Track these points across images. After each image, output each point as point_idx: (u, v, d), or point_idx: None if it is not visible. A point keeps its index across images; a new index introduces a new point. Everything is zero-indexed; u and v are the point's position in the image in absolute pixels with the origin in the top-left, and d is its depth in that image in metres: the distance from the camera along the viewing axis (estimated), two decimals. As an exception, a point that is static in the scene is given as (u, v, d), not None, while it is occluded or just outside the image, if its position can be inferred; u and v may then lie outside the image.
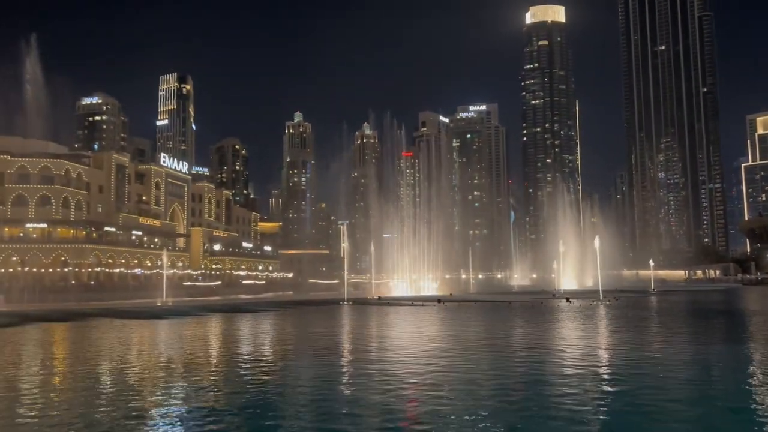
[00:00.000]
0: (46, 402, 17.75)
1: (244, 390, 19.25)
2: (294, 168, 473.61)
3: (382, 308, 67.87)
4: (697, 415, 15.48)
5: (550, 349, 28.87)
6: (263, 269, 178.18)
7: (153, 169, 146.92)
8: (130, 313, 61.29)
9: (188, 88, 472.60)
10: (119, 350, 31.29)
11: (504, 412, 15.95)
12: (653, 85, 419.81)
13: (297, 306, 76.60)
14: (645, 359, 24.90)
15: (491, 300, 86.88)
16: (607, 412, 15.87)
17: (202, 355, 29.29)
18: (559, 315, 53.03)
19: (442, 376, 21.20)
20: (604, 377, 20.84)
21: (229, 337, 38.67)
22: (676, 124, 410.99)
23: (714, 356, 26.38)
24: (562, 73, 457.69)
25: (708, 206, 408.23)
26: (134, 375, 22.98)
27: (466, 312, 59.56)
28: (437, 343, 32.31)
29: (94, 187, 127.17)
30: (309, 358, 27.09)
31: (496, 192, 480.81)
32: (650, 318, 49.42)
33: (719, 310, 61.04)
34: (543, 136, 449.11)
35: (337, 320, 51.50)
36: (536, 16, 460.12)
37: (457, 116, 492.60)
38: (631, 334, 36.06)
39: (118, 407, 16.72)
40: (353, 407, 16.81)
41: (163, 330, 44.02)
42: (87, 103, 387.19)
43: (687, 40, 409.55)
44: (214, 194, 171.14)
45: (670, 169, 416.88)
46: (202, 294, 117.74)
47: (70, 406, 17.21)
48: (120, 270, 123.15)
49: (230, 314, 60.40)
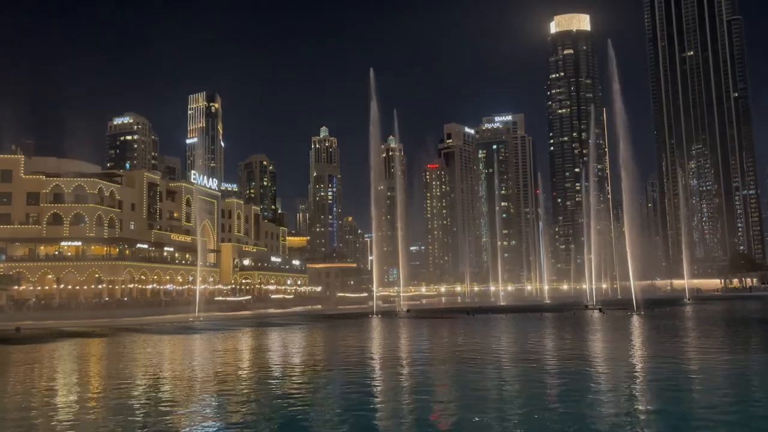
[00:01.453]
0: (80, 416, 17.97)
1: (279, 403, 19.27)
2: (320, 182, 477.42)
3: (411, 321, 67.52)
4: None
5: (588, 360, 28.36)
6: (292, 283, 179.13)
7: (184, 187, 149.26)
8: (163, 329, 62.09)
9: (216, 106, 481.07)
10: (155, 365, 31.66)
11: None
12: (682, 91, 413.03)
13: (327, 319, 76.70)
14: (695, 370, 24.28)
15: (522, 311, 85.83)
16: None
17: (237, 368, 29.46)
18: (594, 326, 52.10)
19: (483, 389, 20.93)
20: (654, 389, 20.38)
21: (263, 351, 38.84)
22: (707, 130, 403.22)
23: (756, 366, 25.59)
24: (589, 81, 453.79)
25: (742, 213, 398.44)
26: (170, 389, 23.19)
27: (498, 324, 58.91)
28: (473, 355, 32.00)
29: (127, 205, 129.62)
30: (342, 372, 27.03)
31: (524, 202, 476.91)
32: (688, 328, 48.24)
33: (760, 318, 59.30)
34: (570, 145, 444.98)
35: (368, 333, 51.37)
36: (561, 25, 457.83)
37: (483, 127, 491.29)
38: (672, 344, 35.24)
39: (154, 421, 16.87)
40: (389, 420, 16.69)
41: (198, 344, 44.45)
42: (118, 123, 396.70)
43: (716, 45, 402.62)
44: (243, 210, 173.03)
45: (702, 176, 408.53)
46: (233, 308, 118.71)
47: (105, 421, 17.36)
48: (152, 286, 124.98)
49: (261, 328, 60.73)
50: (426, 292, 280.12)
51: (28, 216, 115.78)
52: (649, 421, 15.74)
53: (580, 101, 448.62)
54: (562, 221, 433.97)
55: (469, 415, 16.73)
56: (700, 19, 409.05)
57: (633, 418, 16.00)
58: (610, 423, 15.50)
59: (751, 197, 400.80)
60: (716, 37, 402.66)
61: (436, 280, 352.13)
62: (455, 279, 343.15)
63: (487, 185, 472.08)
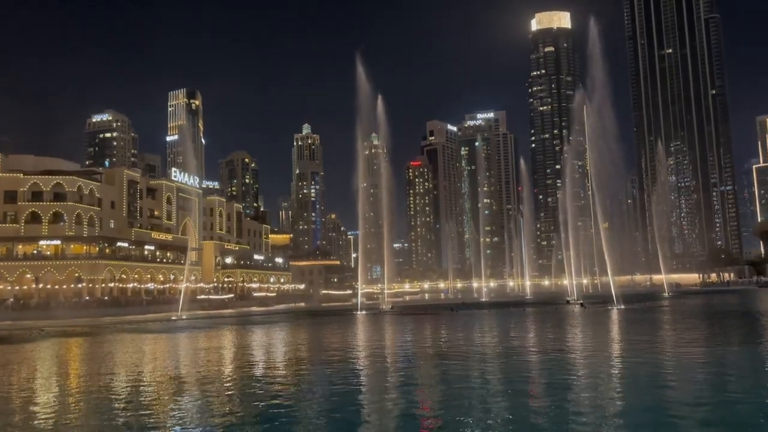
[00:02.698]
0: (60, 417, 17.75)
1: (263, 401, 19.23)
2: (303, 180, 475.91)
3: (395, 318, 67.67)
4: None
5: (570, 353, 28.68)
6: (275, 281, 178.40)
7: (164, 184, 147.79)
8: (146, 328, 61.57)
9: (197, 103, 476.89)
10: (137, 364, 31.39)
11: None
12: (661, 88, 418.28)
13: (311, 317, 76.62)
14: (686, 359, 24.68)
15: (505, 307, 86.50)
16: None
17: (221, 367, 29.31)
18: (575, 320, 52.66)
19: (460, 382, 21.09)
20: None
21: (247, 349, 38.67)
22: (686, 127, 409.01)
23: (734, 358, 26.08)
24: (569, 78, 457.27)
25: (720, 209, 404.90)
26: (153, 389, 23.02)
27: (481, 319, 59.29)
28: (454, 350, 32.18)
29: (106, 203, 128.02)
30: (327, 369, 27.03)
31: (506, 199, 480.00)
32: (668, 321, 48.94)
33: (737, 312, 60.37)
34: (551, 142, 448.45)
35: (352, 330, 51.39)
36: (542, 23, 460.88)
37: (465, 124, 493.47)
38: (651, 337, 35.74)
39: (136, 421, 16.72)
40: (372, 415, 16.75)
41: (181, 343, 44.13)
42: (97, 121, 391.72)
43: (694, 43, 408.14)
44: (224, 207, 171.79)
45: (681, 173, 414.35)
46: (216, 307, 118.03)
47: (85, 423, 17.06)
48: (133, 285, 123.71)
49: (245, 326, 60.49)
50: (409, 289, 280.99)
51: (5, 215, 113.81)
52: (627, 411, 15.98)
53: (561, 98, 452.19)
54: (543, 217, 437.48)
55: (453, 409, 16.84)
56: (679, 17, 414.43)
57: (612, 408, 16.24)
58: (590, 414, 15.71)
59: (729, 193, 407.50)
60: (694, 35, 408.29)
61: (420, 276, 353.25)
62: (438, 275, 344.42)
63: (470, 182, 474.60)
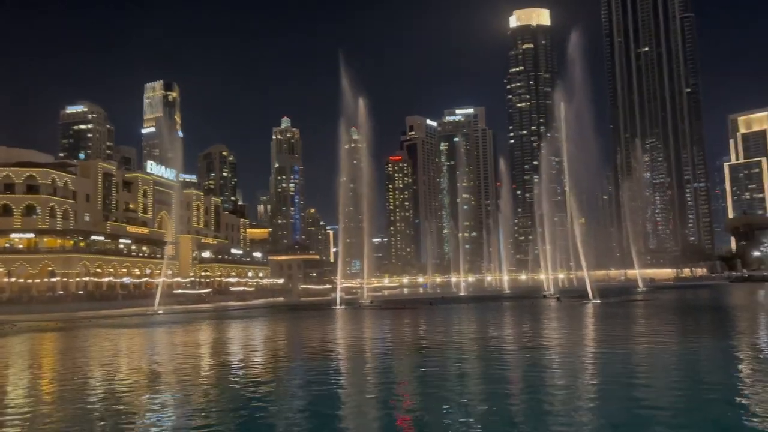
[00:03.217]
0: (34, 413, 17.45)
1: (242, 396, 19.17)
2: (282, 174, 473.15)
3: (375, 312, 67.81)
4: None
5: (545, 345, 29.05)
6: (253, 276, 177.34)
7: (140, 177, 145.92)
8: (122, 322, 60.87)
9: (174, 95, 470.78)
10: (113, 359, 31.04)
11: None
12: (637, 86, 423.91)
13: (290, 311, 76.43)
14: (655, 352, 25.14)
15: (482, 301, 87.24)
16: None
17: (198, 361, 29.13)
18: (551, 314, 53.32)
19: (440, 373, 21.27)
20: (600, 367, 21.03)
21: (225, 344, 38.46)
22: (660, 124, 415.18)
23: (706, 350, 26.66)
24: (548, 75, 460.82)
25: (693, 205, 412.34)
26: (129, 384, 22.80)
27: (459, 313, 59.72)
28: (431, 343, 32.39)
29: (81, 196, 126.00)
30: (305, 363, 27.02)
31: (485, 194, 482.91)
32: (642, 315, 49.80)
33: (710, 306, 61.66)
34: (529, 138, 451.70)
35: (332, 325, 51.38)
36: (521, 20, 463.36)
37: (445, 119, 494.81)
38: (625, 330, 36.35)
39: (109, 417, 16.53)
40: (350, 410, 16.82)
41: (158, 338, 43.71)
42: (72, 112, 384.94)
43: (669, 42, 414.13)
44: (202, 201, 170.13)
45: (656, 169, 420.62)
46: (193, 302, 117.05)
47: (59, 419, 16.62)
48: (109, 279, 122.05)
49: (224, 321, 60.18)
50: (388, 284, 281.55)
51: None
52: (601, 402, 16.26)
53: (539, 95, 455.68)
54: (521, 213, 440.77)
55: (431, 401, 16.98)
56: (655, 15, 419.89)
57: (586, 399, 16.51)
58: (565, 406, 15.96)
59: (701, 190, 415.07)
60: (669, 34, 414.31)
61: (399, 271, 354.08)
62: (417, 270, 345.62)
63: (449, 177, 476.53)
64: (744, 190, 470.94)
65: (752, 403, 15.51)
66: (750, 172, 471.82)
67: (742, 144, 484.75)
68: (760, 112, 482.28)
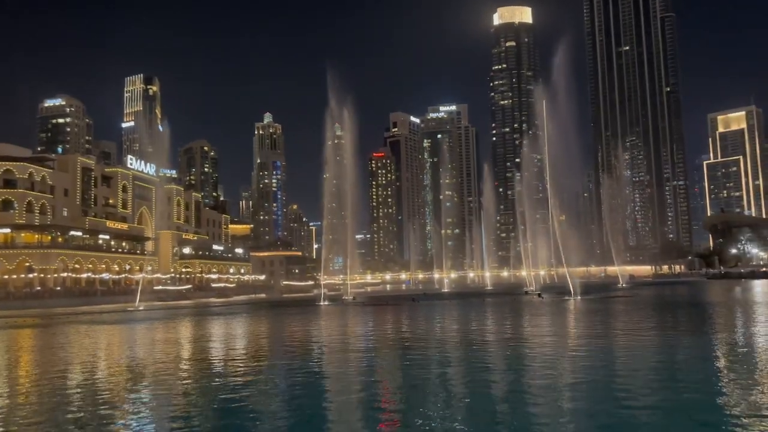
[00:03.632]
0: (10, 412, 17.14)
1: (222, 393, 19.00)
2: (264, 169, 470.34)
3: (358, 308, 67.77)
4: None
5: (526, 341, 29.24)
6: (235, 272, 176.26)
7: (120, 172, 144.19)
8: (101, 319, 60.12)
9: (155, 89, 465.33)
10: (92, 356, 30.62)
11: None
12: (618, 84, 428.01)
13: (272, 308, 76.08)
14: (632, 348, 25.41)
15: (465, 298, 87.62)
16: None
17: (179, 358, 28.84)
18: (533, 310, 53.68)
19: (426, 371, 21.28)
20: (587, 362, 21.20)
21: (206, 340, 38.15)
22: (641, 123, 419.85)
23: (685, 344, 27.03)
24: (530, 73, 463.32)
25: (672, 203, 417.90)
26: (108, 381, 22.50)
27: (442, 309, 59.91)
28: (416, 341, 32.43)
29: (59, 191, 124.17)
30: (287, 359, 26.88)
31: (467, 191, 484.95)
32: (623, 311, 50.36)
33: (688, 302, 62.55)
34: (512, 135, 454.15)
35: (315, 321, 51.23)
36: (504, 17, 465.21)
37: (428, 116, 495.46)
38: (606, 325, 36.73)
39: (88, 414, 16.29)
40: (331, 407, 16.74)
41: (138, 334, 43.22)
42: (50, 105, 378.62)
43: (650, 41, 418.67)
44: (182, 196, 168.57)
45: (636, 167, 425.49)
46: (173, 298, 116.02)
47: (36, 417, 16.28)
48: (87, 275, 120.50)
49: (205, 317, 59.72)
50: (371, 280, 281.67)
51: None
52: (579, 395, 16.39)
53: (522, 93, 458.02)
54: (503, 210, 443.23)
55: (413, 396, 16.97)
56: (636, 15, 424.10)
57: (566, 393, 16.63)
58: (544, 399, 16.05)
59: (681, 188, 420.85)
60: (651, 33, 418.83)
61: (382, 268, 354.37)
62: (400, 267, 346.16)
63: (432, 174, 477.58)
64: (722, 188, 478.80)
65: (729, 396, 15.73)
66: (727, 171, 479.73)
67: (720, 143, 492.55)
68: (737, 112, 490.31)
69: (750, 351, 24.30)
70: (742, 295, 71.13)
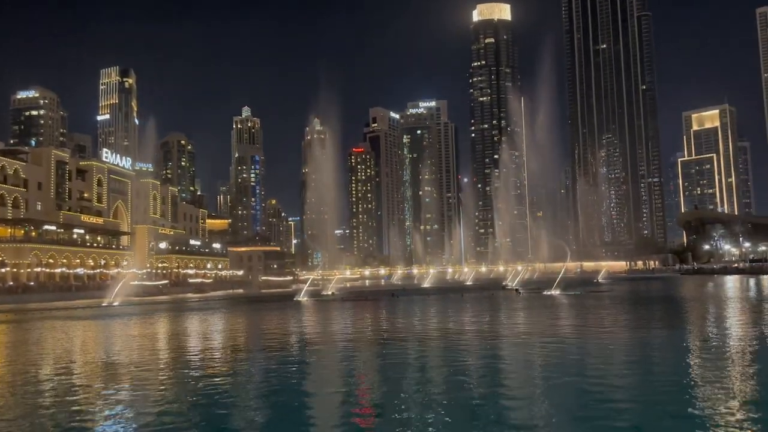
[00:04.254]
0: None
1: (200, 389, 18.92)
2: (242, 164, 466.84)
3: (337, 303, 67.78)
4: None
5: (504, 336, 29.54)
6: (212, 267, 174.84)
7: (95, 165, 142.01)
8: (76, 314, 59.27)
9: (131, 81, 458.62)
10: (66, 351, 30.21)
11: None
12: (595, 82, 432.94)
13: (250, 303, 75.72)
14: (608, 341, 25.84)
15: (443, 293, 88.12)
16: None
17: (154, 354, 28.60)
18: (510, 305, 54.23)
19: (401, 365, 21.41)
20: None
21: (184, 336, 37.85)
22: (617, 120, 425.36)
23: (658, 339, 27.57)
24: (509, 70, 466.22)
25: (647, 200, 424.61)
26: (81, 377, 22.24)
27: (420, 304, 60.18)
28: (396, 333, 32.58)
29: (33, 184, 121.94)
30: (265, 355, 26.83)
31: (446, 187, 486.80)
32: (598, 306, 51.14)
33: (662, 297, 63.70)
34: (490, 132, 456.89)
35: (294, 316, 51.10)
36: (483, 14, 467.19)
37: (408, 112, 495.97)
38: (582, 320, 37.25)
39: (62, 411, 16.08)
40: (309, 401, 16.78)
41: (115, 330, 42.72)
42: (23, 97, 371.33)
43: (627, 39, 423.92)
44: (159, 191, 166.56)
45: (612, 164, 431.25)
46: (150, 293, 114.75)
47: (5, 414, 15.88)
48: (62, 270, 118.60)
49: (181, 313, 59.24)
50: (350, 275, 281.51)
51: None
52: (555, 388, 16.64)
53: (500, 90, 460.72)
54: (482, 206, 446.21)
55: (391, 390, 17.07)
56: (613, 13, 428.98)
57: (540, 385, 16.88)
58: (524, 392, 16.28)
59: (655, 185, 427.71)
60: (627, 31, 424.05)
61: (361, 263, 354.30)
62: (379, 262, 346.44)
63: (411, 170, 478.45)
64: (696, 185, 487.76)
65: (701, 388, 16.10)
66: (701, 168, 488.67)
67: (695, 141, 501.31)
68: (711, 110, 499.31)
69: (721, 344, 24.87)
70: (714, 291, 72.62)
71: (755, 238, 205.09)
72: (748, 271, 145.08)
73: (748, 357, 21.27)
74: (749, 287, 77.22)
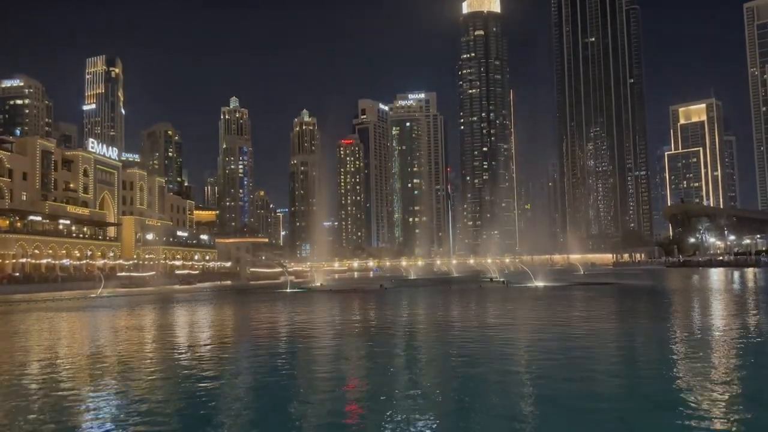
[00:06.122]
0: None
1: (187, 380, 18.93)
2: (230, 155, 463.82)
3: (326, 295, 67.81)
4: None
5: (489, 326, 29.76)
6: (200, 259, 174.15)
7: (81, 156, 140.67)
8: (62, 305, 58.89)
9: (117, 71, 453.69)
10: (51, 343, 30.05)
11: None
12: (583, 75, 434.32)
13: (238, 295, 75.58)
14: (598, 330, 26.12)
15: (431, 284, 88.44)
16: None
17: (141, 346, 28.53)
18: (497, 297, 54.59)
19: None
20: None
21: (168, 328, 37.76)
22: (605, 113, 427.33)
23: (641, 331, 27.92)
24: (498, 63, 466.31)
25: (634, 193, 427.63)
26: (68, 369, 22.15)
27: (409, 296, 60.41)
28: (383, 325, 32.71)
29: (18, 174, 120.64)
30: (253, 347, 26.85)
31: (435, 180, 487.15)
32: (584, 298, 51.58)
33: (648, 289, 64.37)
34: (480, 125, 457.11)
35: (282, 308, 51.11)
36: (472, 6, 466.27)
37: (397, 104, 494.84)
38: (566, 312, 37.58)
39: (49, 404, 16.06)
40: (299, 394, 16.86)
41: (102, 322, 42.51)
42: (8, 86, 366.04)
43: (615, 33, 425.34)
44: (146, 181, 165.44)
45: (599, 157, 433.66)
46: (137, 284, 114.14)
47: None
48: (47, 261, 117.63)
49: (169, 304, 59.06)
50: (338, 267, 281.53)
51: None
52: (540, 379, 16.83)
53: (489, 82, 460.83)
54: (470, 198, 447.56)
55: (379, 381, 17.19)
56: (602, 6, 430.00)
57: (526, 376, 17.07)
58: (504, 383, 16.45)
59: (642, 178, 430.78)
60: (616, 24, 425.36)
61: (349, 255, 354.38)
62: (368, 254, 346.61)
63: (400, 162, 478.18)
64: (682, 178, 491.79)
65: (684, 378, 16.37)
66: (688, 162, 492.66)
67: (681, 134, 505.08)
68: (698, 104, 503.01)
69: (704, 335, 25.25)
70: (699, 283, 73.48)
71: (740, 232, 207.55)
72: (732, 264, 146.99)
73: (729, 347, 21.62)
74: (733, 279, 78.22)
